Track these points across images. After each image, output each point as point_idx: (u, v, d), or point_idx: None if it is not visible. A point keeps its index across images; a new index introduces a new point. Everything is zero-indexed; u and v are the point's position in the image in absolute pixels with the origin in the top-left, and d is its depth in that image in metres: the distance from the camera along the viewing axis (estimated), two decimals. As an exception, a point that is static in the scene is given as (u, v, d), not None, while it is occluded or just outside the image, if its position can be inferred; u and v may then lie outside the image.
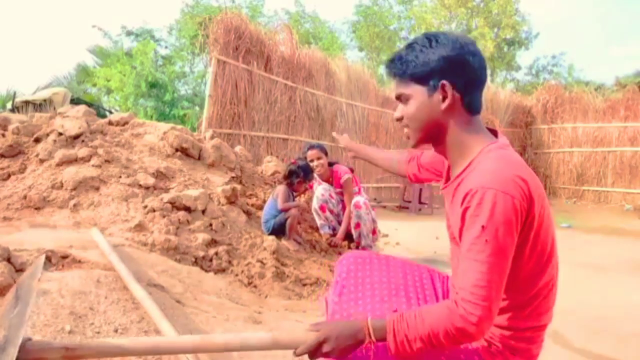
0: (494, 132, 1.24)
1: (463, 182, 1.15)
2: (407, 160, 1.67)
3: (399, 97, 1.23)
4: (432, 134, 1.21)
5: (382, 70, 18.83)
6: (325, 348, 1.10)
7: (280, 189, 3.84)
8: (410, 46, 1.20)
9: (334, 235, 4.21)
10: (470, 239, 1.04)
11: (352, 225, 4.12)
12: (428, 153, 1.56)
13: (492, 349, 1.16)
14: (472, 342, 1.11)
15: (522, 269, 1.11)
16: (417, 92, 1.19)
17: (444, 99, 1.16)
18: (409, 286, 1.39)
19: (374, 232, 4.16)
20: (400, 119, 1.24)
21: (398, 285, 1.38)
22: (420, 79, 1.17)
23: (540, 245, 1.11)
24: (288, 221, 3.68)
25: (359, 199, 4.13)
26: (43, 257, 1.34)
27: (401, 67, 1.20)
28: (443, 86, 1.15)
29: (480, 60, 1.17)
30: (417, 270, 1.45)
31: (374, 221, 4.16)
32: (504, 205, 1.02)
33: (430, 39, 1.17)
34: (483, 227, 1.02)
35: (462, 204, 1.08)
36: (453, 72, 1.15)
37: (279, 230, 3.68)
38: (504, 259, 1.02)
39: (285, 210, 3.73)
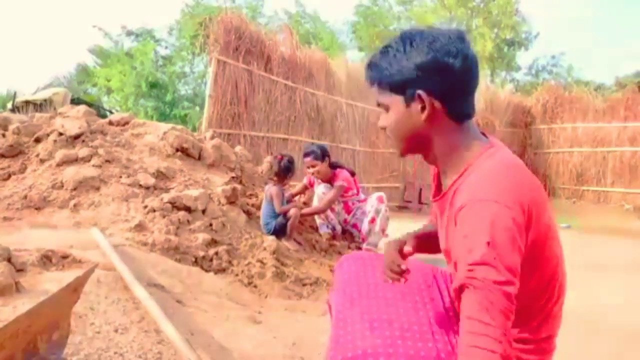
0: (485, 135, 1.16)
1: (457, 192, 1.06)
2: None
3: (379, 105, 1.16)
4: (416, 145, 1.12)
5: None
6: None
7: (273, 190, 3.76)
8: (384, 51, 1.11)
9: (333, 234, 4.22)
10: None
11: (367, 219, 4.12)
12: None
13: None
14: None
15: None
16: (395, 102, 1.10)
17: (422, 109, 1.06)
18: (414, 287, 1.36)
19: (383, 231, 4.18)
20: (384, 129, 1.17)
21: (402, 287, 1.34)
22: (396, 88, 1.08)
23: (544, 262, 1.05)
24: (289, 222, 3.69)
25: (381, 194, 4.22)
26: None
27: (376, 75, 1.12)
28: (419, 96, 1.05)
29: (465, 61, 1.06)
30: (419, 269, 1.43)
31: (387, 220, 4.18)
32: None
33: (405, 41, 1.08)
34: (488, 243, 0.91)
35: (455, 219, 1.00)
36: (429, 79, 1.04)
37: (280, 232, 3.69)
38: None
39: (284, 212, 3.73)
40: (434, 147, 1.11)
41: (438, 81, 1.04)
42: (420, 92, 1.05)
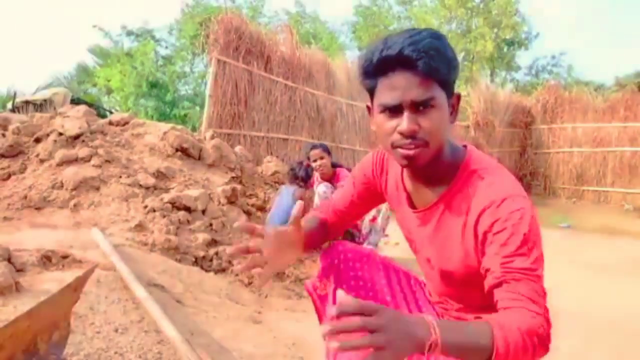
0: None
1: (456, 199, 1.04)
2: (328, 219, 1.39)
3: (419, 103, 0.95)
4: (438, 153, 1.02)
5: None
6: (382, 339, 0.75)
7: (305, 194, 3.88)
8: (439, 40, 0.95)
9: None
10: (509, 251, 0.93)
11: (368, 218, 4.12)
12: (337, 197, 1.41)
13: None
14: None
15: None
16: (442, 100, 0.97)
17: (453, 110, 1.02)
18: (393, 289, 1.36)
19: (383, 230, 4.19)
20: (414, 132, 0.96)
21: (382, 286, 1.35)
22: (447, 83, 0.98)
23: None
24: None
25: None
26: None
27: (439, 66, 0.93)
28: (458, 97, 1.02)
29: None
30: (395, 272, 1.42)
31: (388, 219, 4.19)
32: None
33: (441, 36, 0.98)
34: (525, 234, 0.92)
35: (477, 220, 0.99)
36: (455, 80, 1.02)
37: None
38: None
39: None
40: (442, 154, 1.04)
41: (455, 81, 1.02)
42: (458, 93, 1.01)
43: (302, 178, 3.92)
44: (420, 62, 0.91)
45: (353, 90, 9.62)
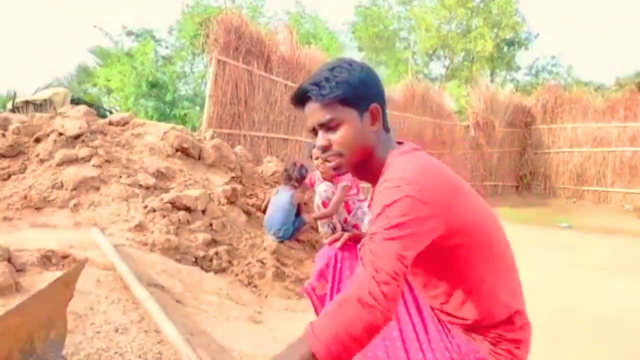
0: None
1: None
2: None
3: (324, 124, 1.14)
4: (363, 157, 1.16)
5: (381, 70, 18.84)
6: None
7: (301, 197, 3.93)
8: (334, 69, 1.15)
9: (333, 233, 4.22)
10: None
11: (367, 218, 4.13)
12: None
13: (498, 348, 1.13)
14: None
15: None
16: (350, 116, 1.13)
17: (374, 121, 1.15)
18: None
19: None
20: (327, 148, 1.15)
21: None
22: (352, 101, 1.13)
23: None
24: (304, 226, 3.88)
25: None
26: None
27: (331, 91, 1.11)
28: (375, 108, 1.15)
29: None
30: None
31: None
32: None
33: (349, 62, 1.17)
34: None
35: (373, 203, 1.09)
36: (376, 93, 1.16)
37: (292, 235, 3.73)
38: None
39: (319, 218, 3.89)
40: (373, 159, 1.17)
41: (380, 95, 1.17)
42: (375, 104, 1.15)
43: (297, 179, 3.93)
44: (312, 93, 1.14)
45: (353, 90, 9.62)
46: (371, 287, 0.94)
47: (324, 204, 4.21)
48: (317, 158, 4.18)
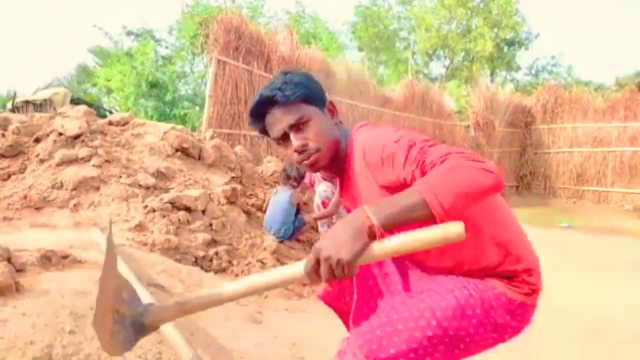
0: None
1: (352, 163, 1.21)
2: None
3: (295, 125, 1.19)
4: (336, 149, 1.23)
5: (381, 70, 18.84)
6: (324, 253, 0.92)
7: (300, 197, 3.93)
8: (285, 75, 1.23)
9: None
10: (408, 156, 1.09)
11: None
12: None
13: (513, 282, 1.16)
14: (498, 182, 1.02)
15: None
16: (314, 112, 1.21)
17: (332, 115, 1.26)
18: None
19: None
20: (304, 146, 1.19)
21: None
22: (312, 99, 1.21)
23: None
24: (305, 226, 3.87)
25: None
26: (110, 225, 1.36)
27: (294, 91, 1.18)
28: (330, 103, 1.26)
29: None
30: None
31: None
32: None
33: (289, 71, 1.26)
34: (396, 141, 1.11)
35: (369, 163, 1.14)
36: (323, 92, 1.26)
37: (292, 235, 3.72)
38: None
39: (319, 218, 3.93)
40: (340, 150, 1.25)
41: (324, 94, 1.27)
42: (329, 100, 1.25)
43: (295, 178, 3.91)
44: (278, 96, 1.18)
45: (353, 90, 9.62)
46: (475, 162, 1.00)
47: (324, 204, 4.21)
48: None
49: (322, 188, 4.21)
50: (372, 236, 0.94)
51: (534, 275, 1.17)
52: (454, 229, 0.94)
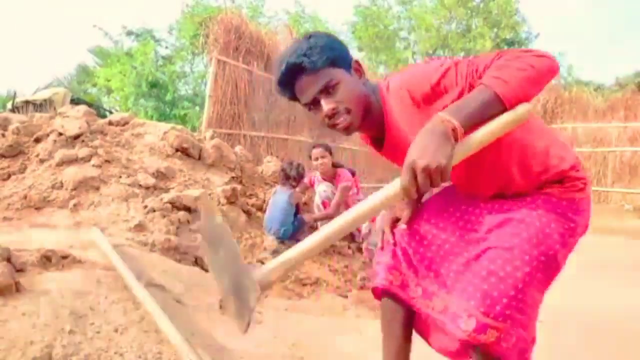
0: None
1: (393, 110, 1.23)
2: None
3: (324, 89, 1.19)
4: (366, 108, 1.24)
5: (381, 70, 18.83)
6: (421, 164, 0.94)
7: (299, 197, 3.92)
8: (309, 39, 1.22)
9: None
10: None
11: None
12: None
13: (565, 184, 1.25)
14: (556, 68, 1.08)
15: None
16: (341, 74, 1.21)
17: (359, 74, 1.25)
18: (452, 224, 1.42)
19: None
20: (334, 110, 1.20)
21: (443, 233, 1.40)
22: (338, 61, 1.21)
23: None
24: (304, 227, 3.86)
25: None
26: (206, 198, 1.37)
27: (320, 57, 1.18)
28: (356, 62, 1.25)
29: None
30: (437, 215, 1.45)
31: None
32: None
33: (312, 34, 1.25)
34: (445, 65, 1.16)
35: (417, 98, 1.17)
36: (347, 51, 1.26)
37: (292, 235, 3.71)
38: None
39: (319, 219, 3.99)
40: (372, 107, 1.26)
41: (349, 52, 1.27)
42: (354, 59, 1.25)
43: (294, 178, 3.90)
44: (305, 64, 1.17)
45: (353, 90, 9.61)
46: (528, 52, 1.06)
47: (324, 204, 4.21)
48: (316, 159, 4.19)
49: (322, 188, 4.21)
50: (455, 138, 0.98)
51: (580, 170, 1.27)
52: (522, 109, 1.02)
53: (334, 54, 1.20)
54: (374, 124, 1.28)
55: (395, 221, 1.49)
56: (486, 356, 1.13)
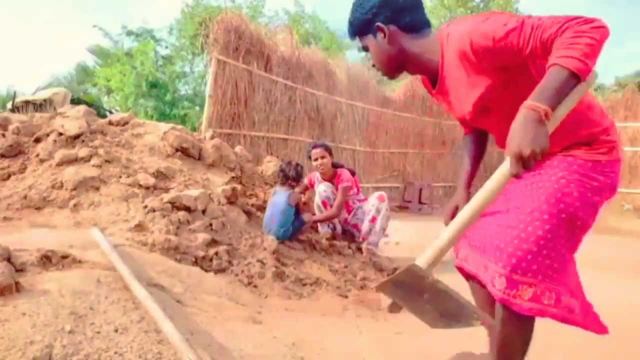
0: None
1: (447, 57, 1.39)
2: (473, 137, 1.78)
3: (364, 49, 1.57)
4: (397, 64, 1.53)
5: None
6: (526, 151, 1.11)
7: (299, 197, 3.89)
8: (350, 11, 1.55)
9: (333, 234, 4.22)
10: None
11: (368, 218, 4.15)
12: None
13: (593, 146, 1.34)
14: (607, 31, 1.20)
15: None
16: (369, 41, 1.54)
17: (384, 35, 1.48)
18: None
19: (383, 230, 4.20)
20: (374, 65, 1.58)
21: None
22: (364, 31, 1.53)
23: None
24: (304, 227, 3.86)
25: (382, 193, 4.30)
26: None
27: (353, 29, 1.56)
28: (378, 27, 1.48)
29: None
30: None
31: (388, 219, 4.20)
32: None
33: (356, 3, 1.53)
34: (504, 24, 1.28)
35: (477, 50, 1.29)
36: (380, 13, 1.46)
37: (292, 235, 3.71)
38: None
39: (320, 221, 4.06)
40: (410, 58, 1.50)
41: (385, 13, 1.46)
42: (377, 24, 1.47)
43: (293, 178, 3.88)
44: (348, 32, 1.60)
45: (353, 90, 9.62)
46: (587, 24, 1.19)
47: (324, 204, 4.21)
48: (316, 159, 4.19)
49: (322, 188, 4.21)
50: (547, 119, 1.13)
51: (612, 134, 1.36)
52: (591, 77, 1.19)
53: (354, 28, 1.55)
54: (424, 71, 1.53)
55: (456, 209, 1.66)
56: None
